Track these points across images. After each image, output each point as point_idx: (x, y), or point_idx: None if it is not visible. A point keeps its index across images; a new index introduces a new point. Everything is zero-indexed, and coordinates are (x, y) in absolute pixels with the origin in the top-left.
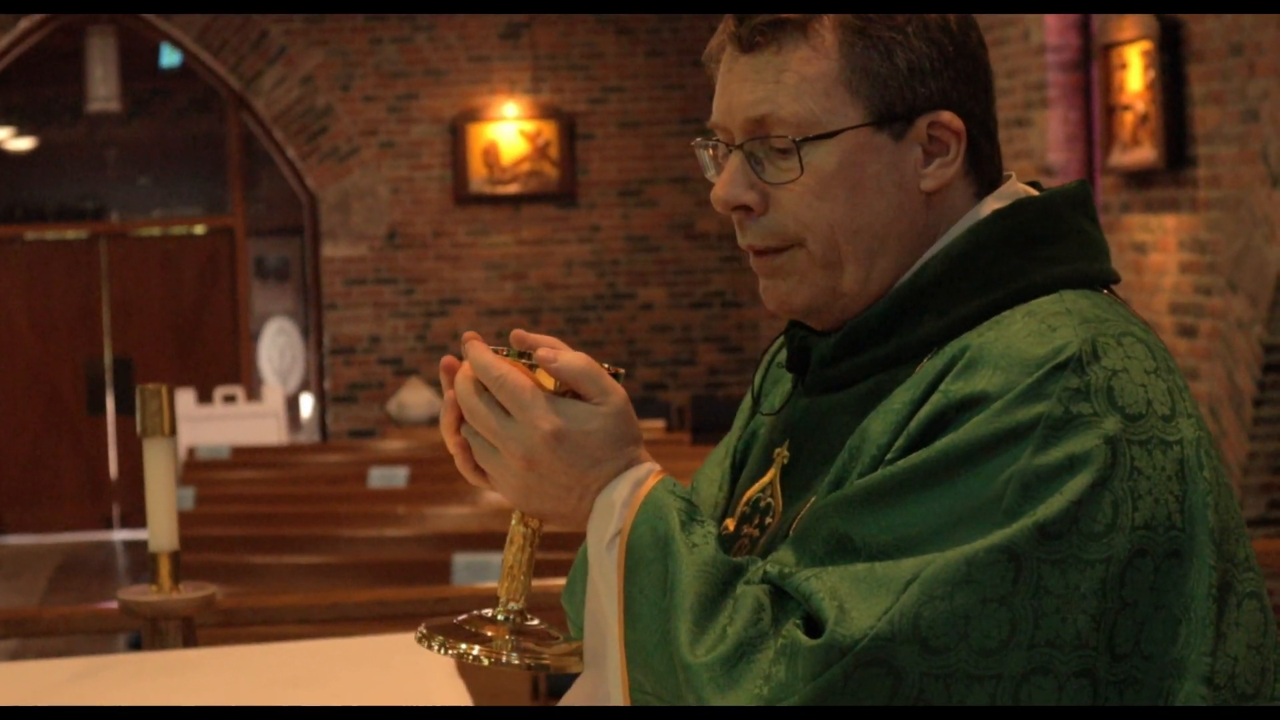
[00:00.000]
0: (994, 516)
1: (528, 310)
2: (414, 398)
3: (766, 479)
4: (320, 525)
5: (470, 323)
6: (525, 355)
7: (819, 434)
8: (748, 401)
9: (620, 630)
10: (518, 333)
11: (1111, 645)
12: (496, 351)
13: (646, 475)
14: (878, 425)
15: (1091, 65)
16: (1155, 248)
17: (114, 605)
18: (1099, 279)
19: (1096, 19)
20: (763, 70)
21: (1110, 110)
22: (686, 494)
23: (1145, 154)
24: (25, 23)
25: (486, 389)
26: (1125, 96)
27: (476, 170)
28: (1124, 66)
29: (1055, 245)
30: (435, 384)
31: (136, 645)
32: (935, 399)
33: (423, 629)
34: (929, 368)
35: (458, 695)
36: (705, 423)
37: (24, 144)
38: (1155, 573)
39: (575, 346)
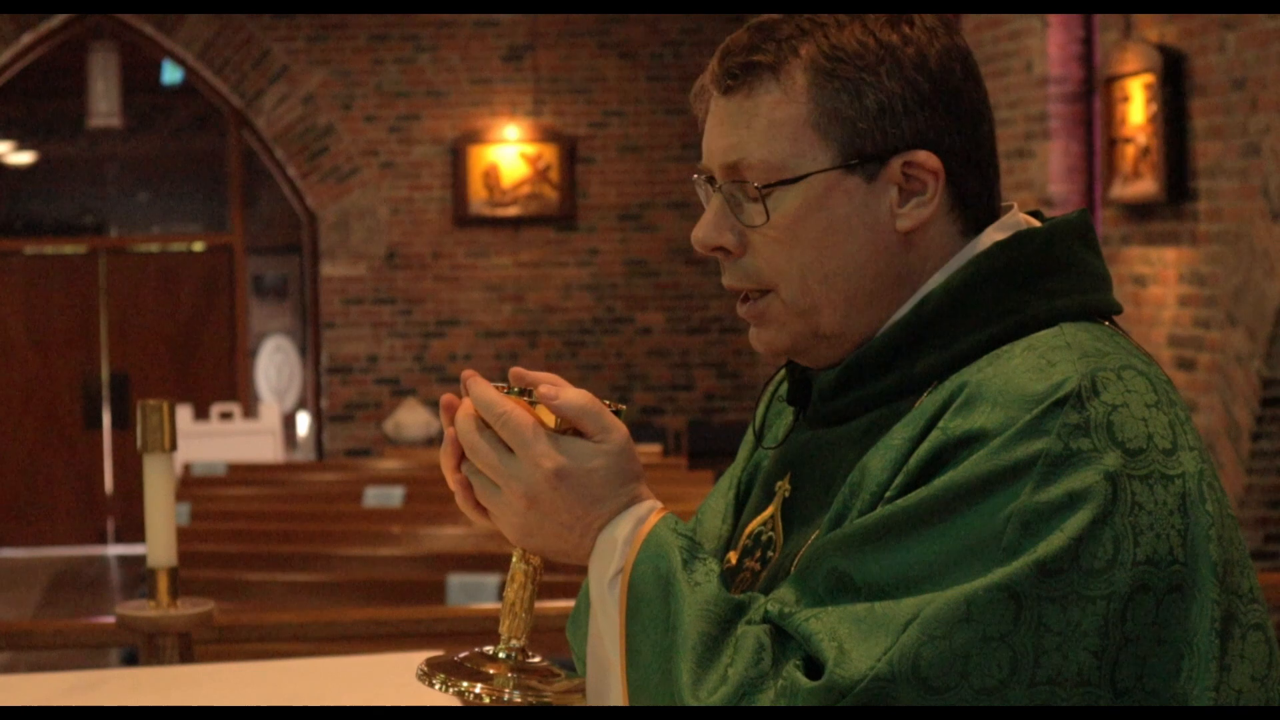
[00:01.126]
0: (994, 554)
1: (526, 333)
2: (411, 418)
3: (768, 512)
4: (315, 544)
5: (468, 344)
6: (526, 393)
7: (820, 468)
8: (751, 434)
9: (623, 669)
10: (517, 370)
11: (1114, 681)
12: (498, 388)
13: (648, 513)
14: (877, 462)
15: (1093, 97)
16: (1155, 280)
17: (110, 620)
18: (1100, 310)
19: (1099, 52)
20: (736, 115)
21: (1112, 143)
22: (688, 531)
23: (1146, 187)
24: (28, 37)
25: (488, 426)
26: (1127, 129)
27: (476, 192)
28: (1126, 99)
29: (1056, 277)
30: (432, 405)
31: (131, 661)
32: (934, 436)
33: (423, 666)
34: (928, 403)
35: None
36: (702, 448)
37: (24, 158)
38: (1158, 608)
39: (573, 370)
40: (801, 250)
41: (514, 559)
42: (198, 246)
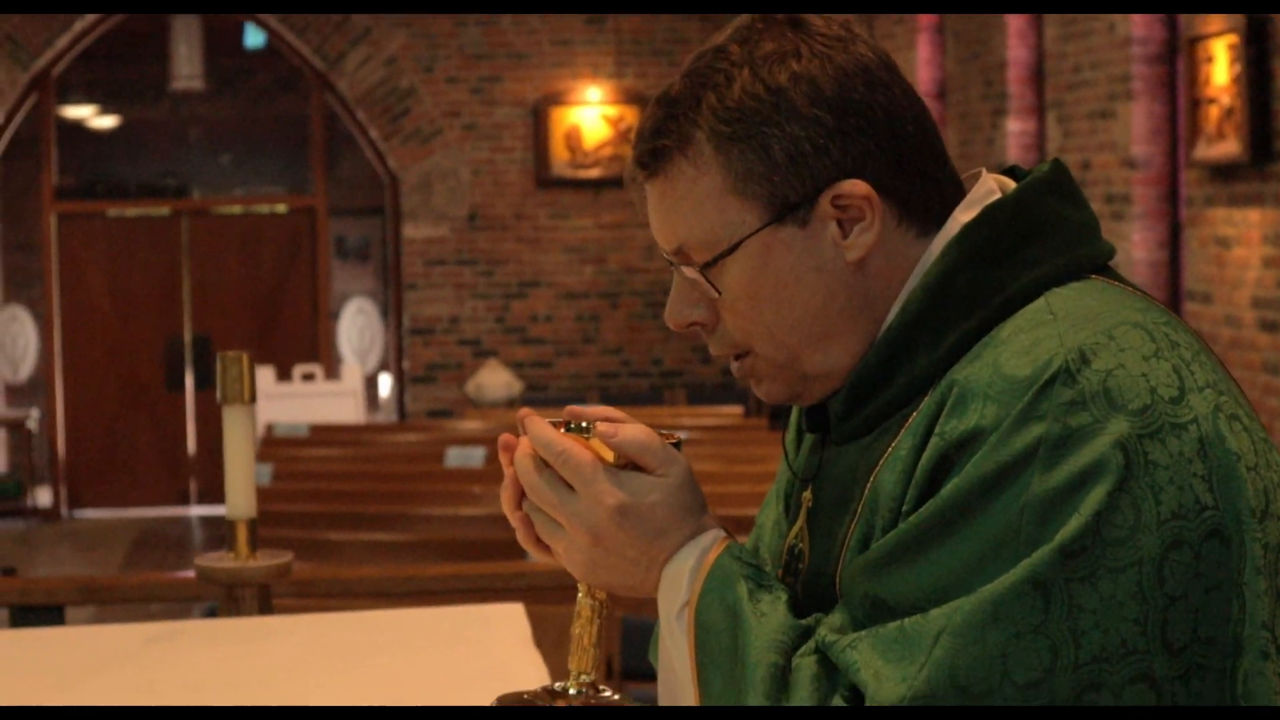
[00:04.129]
0: (1016, 549)
1: (607, 294)
2: (492, 379)
3: (798, 525)
4: (396, 504)
5: (549, 305)
6: (584, 429)
7: (835, 476)
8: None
9: (696, 700)
10: (572, 408)
11: (1167, 643)
12: (554, 425)
13: (712, 544)
14: (889, 476)
15: (1177, 58)
16: (1238, 242)
17: (191, 574)
18: (1087, 264)
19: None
20: (661, 201)
21: (1195, 103)
22: (753, 559)
23: (1230, 147)
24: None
25: (547, 465)
26: (1211, 90)
27: (558, 153)
28: (1210, 60)
29: (1034, 244)
30: (514, 365)
31: (213, 617)
32: (934, 443)
33: (495, 704)
34: (926, 407)
35: (533, 665)
36: (782, 409)
37: (108, 122)
38: (1197, 559)
39: (653, 331)
40: (761, 311)
41: (580, 594)
42: (280, 209)
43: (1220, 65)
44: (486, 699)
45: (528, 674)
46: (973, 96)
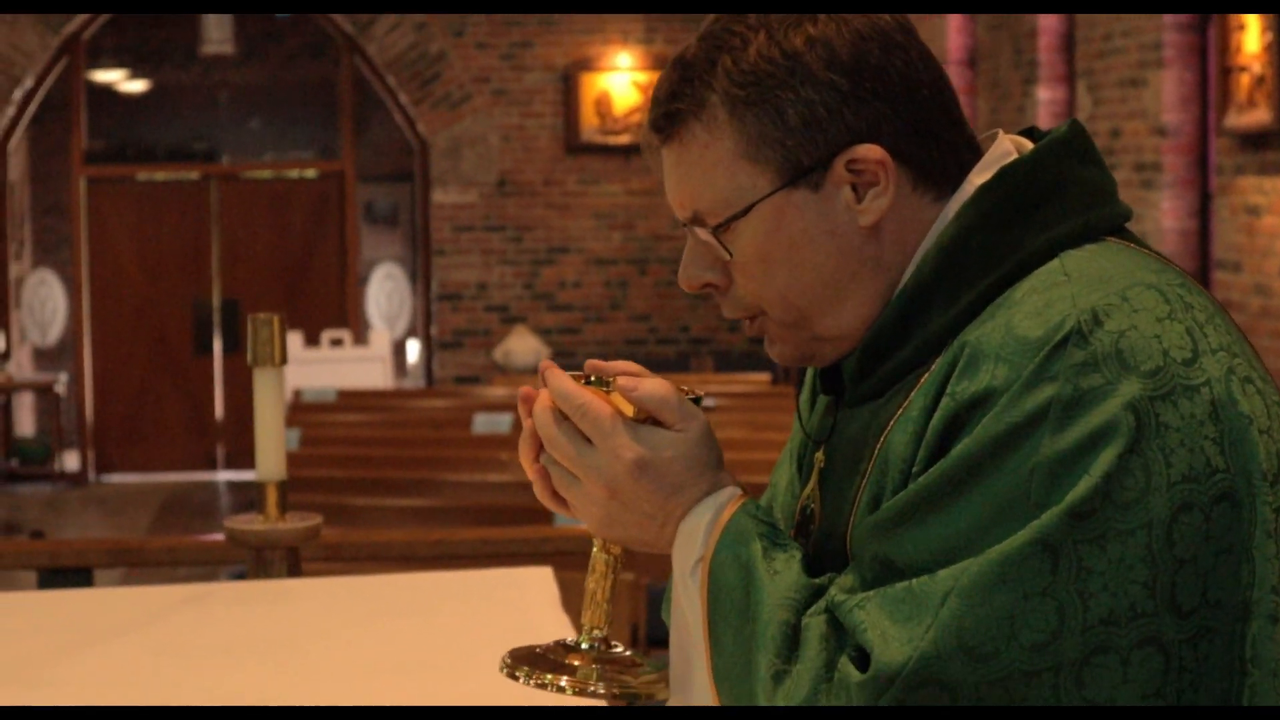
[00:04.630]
0: (1025, 511)
1: (635, 260)
2: (520, 345)
3: (810, 486)
4: (424, 469)
5: (578, 272)
6: (604, 383)
7: (847, 437)
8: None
9: (708, 656)
10: (593, 362)
11: (1176, 605)
12: (575, 378)
13: (728, 500)
14: (899, 437)
15: (1208, 26)
16: (1269, 210)
17: (220, 538)
18: (1103, 226)
19: None
20: (677, 164)
21: (1226, 71)
22: (769, 516)
23: (1261, 116)
24: None
25: (565, 418)
26: (1242, 58)
27: (588, 119)
28: (1242, 28)
29: (1049, 205)
30: (542, 331)
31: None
32: (945, 403)
33: (506, 659)
34: (938, 368)
35: (562, 628)
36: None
37: (137, 85)
38: (1207, 522)
39: (680, 299)
40: (774, 273)
41: (594, 549)
42: (309, 173)
43: (1251, 33)
44: None
45: (555, 636)
46: (1003, 64)
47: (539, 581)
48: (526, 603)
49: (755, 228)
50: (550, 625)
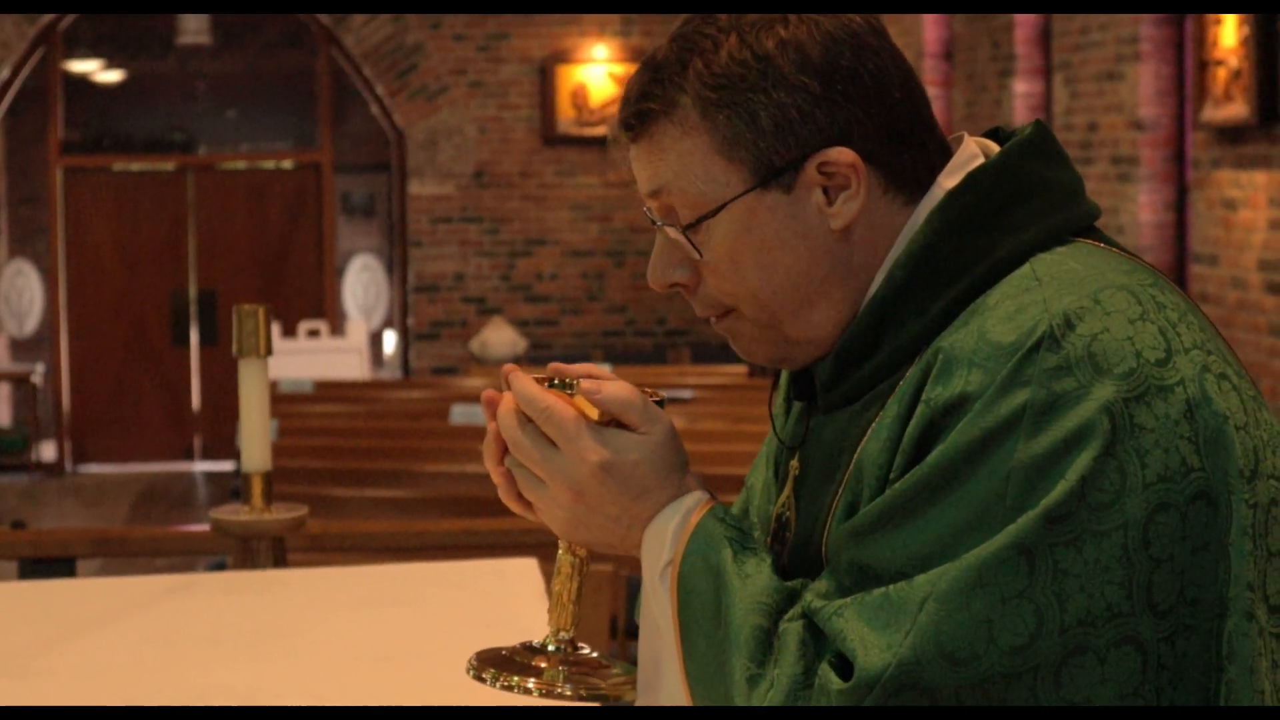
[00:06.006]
0: (1001, 515)
1: (612, 253)
2: (497, 336)
3: (785, 493)
4: (402, 460)
5: (555, 263)
6: (567, 386)
7: (821, 444)
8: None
9: (680, 660)
10: (556, 365)
11: (1152, 605)
12: (538, 382)
13: (696, 504)
14: (875, 445)
15: (1185, 19)
16: (1245, 204)
17: (204, 527)
18: (1072, 227)
19: None
20: (647, 160)
21: (1203, 65)
22: (737, 521)
23: (1237, 109)
24: None
25: (530, 421)
26: (1219, 51)
27: (565, 111)
28: (1218, 21)
29: (1018, 208)
30: (519, 323)
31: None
32: (920, 410)
33: (473, 661)
34: (911, 375)
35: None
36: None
37: (113, 76)
38: (1183, 521)
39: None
40: (744, 273)
41: (560, 551)
42: (286, 164)
43: (1228, 27)
44: None
45: (540, 627)
46: (980, 57)
47: (523, 572)
48: (511, 593)
49: (726, 228)
50: (535, 616)
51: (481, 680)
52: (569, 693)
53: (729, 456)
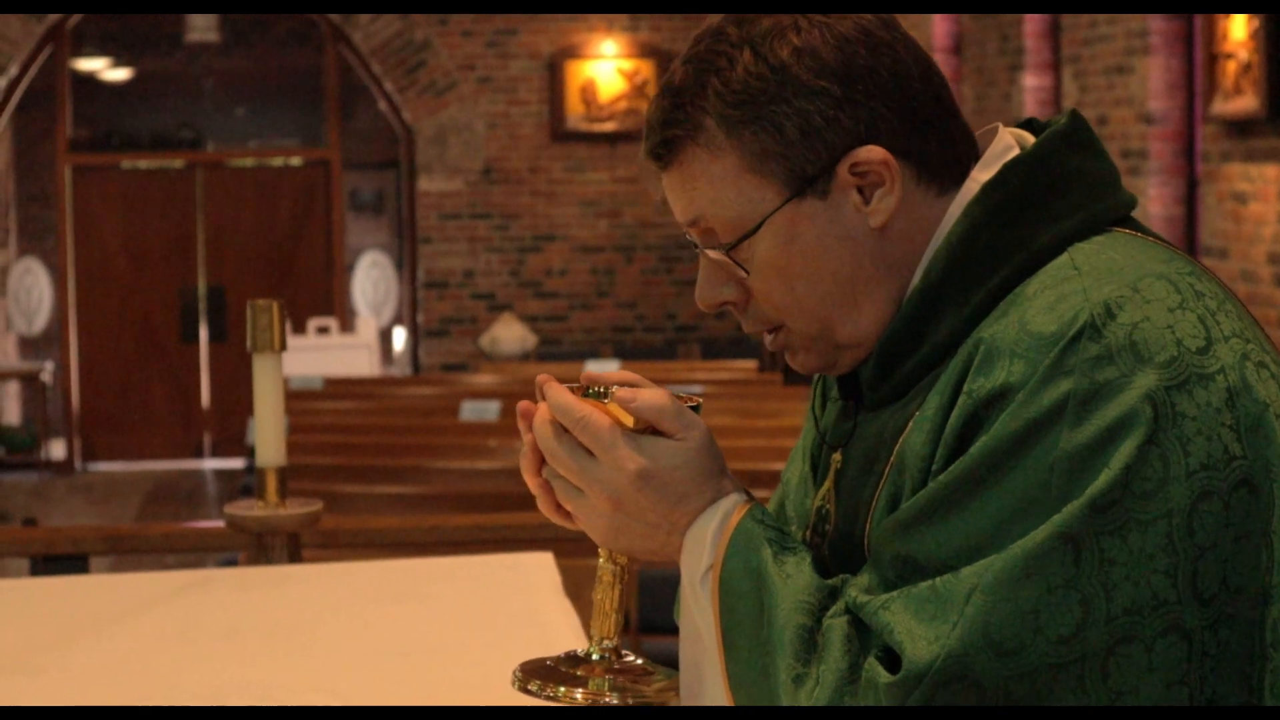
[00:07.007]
0: (1047, 505)
1: (622, 248)
2: (507, 332)
3: (825, 486)
4: (412, 457)
5: (564, 259)
6: (602, 394)
7: (864, 438)
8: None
9: (722, 663)
10: (590, 373)
11: (1197, 593)
12: (572, 390)
13: (734, 507)
14: (917, 437)
15: (1195, 13)
16: (1255, 197)
17: (218, 523)
18: (1109, 217)
19: None
20: (681, 184)
21: (1213, 58)
22: (775, 521)
23: (1247, 103)
24: None
25: (566, 431)
26: (1228, 45)
27: (573, 107)
28: (1227, 15)
29: (1056, 199)
30: (529, 318)
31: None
32: (962, 401)
33: (517, 673)
34: (952, 367)
35: (563, 613)
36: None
37: (122, 73)
38: (1226, 509)
39: (667, 285)
40: (791, 285)
41: (600, 559)
42: (295, 161)
43: (1238, 20)
44: (519, 646)
45: (558, 621)
46: (989, 52)
47: (540, 566)
48: (529, 587)
49: (769, 242)
50: (553, 609)
51: (529, 692)
52: (616, 702)
53: (740, 451)
